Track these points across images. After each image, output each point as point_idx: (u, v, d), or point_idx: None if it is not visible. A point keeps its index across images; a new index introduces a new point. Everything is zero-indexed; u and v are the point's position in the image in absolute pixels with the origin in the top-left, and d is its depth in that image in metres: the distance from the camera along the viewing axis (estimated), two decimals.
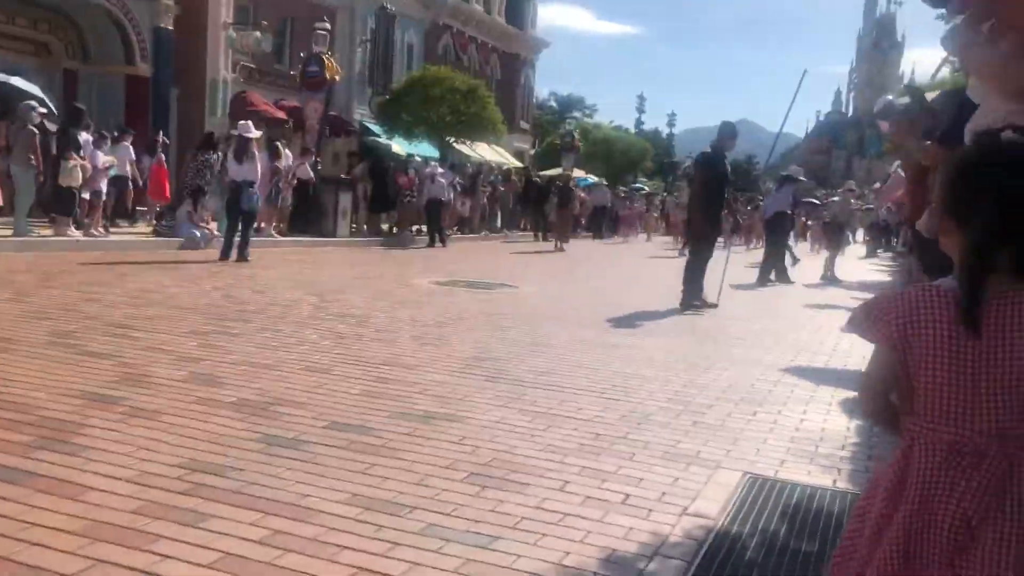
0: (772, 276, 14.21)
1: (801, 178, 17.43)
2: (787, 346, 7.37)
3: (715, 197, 9.86)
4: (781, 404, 5.06)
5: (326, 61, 18.19)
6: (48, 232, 12.63)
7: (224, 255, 12.09)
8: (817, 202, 24.78)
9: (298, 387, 4.68)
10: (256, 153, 12.73)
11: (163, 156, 16.34)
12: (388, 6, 25.03)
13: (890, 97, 7.12)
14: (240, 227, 12.26)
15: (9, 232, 11.94)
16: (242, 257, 12.12)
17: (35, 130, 12.08)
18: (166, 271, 10.30)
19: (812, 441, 4.27)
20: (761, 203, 27.94)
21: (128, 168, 15.32)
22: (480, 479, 3.35)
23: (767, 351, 7.02)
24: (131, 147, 15.45)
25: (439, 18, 32.66)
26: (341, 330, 6.72)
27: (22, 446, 3.37)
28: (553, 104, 66.16)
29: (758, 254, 16.48)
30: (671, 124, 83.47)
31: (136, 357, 5.17)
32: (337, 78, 19.09)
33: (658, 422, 4.43)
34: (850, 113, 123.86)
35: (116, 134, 15.38)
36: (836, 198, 20.27)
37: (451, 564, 2.57)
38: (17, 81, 14.13)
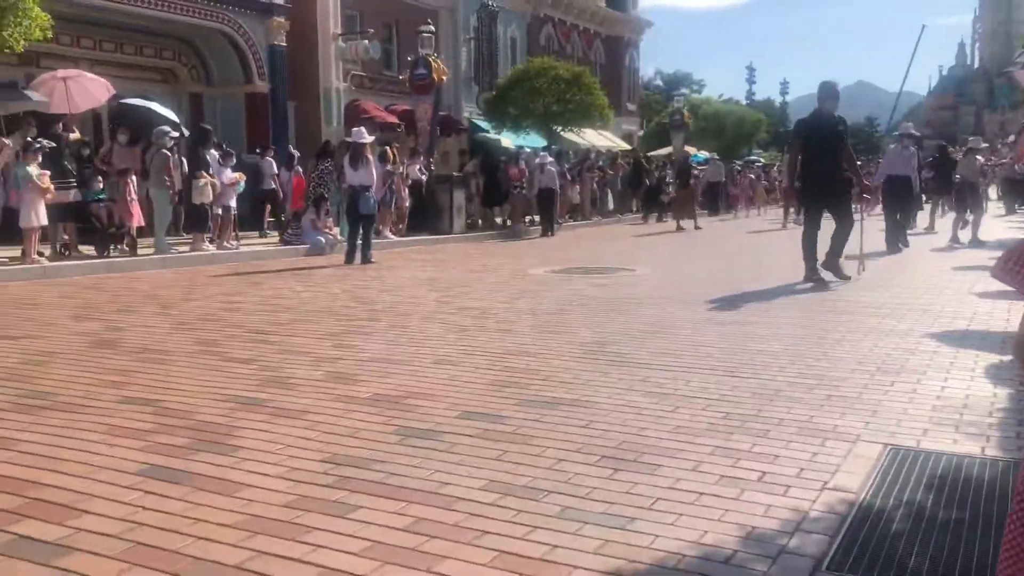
0: (902, 242, 13.54)
1: (913, 132, 15.31)
2: (923, 313, 7.07)
3: (815, 164, 9.20)
4: (920, 373, 4.87)
5: (432, 63, 18.52)
6: (185, 248, 13.37)
7: (348, 259, 12.51)
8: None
9: (429, 380, 4.83)
10: (370, 158, 13.10)
11: (300, 168, 17.09)
12: (490, 3, 25.25)
13: None
14: (361, 231, 12.66)
15: (151, 250, 12.71)
16: (365, 259, 12.50)
17: (168, 153, 12.81)
18: (297, 277, 10.75)
19: (956, 409, 4.10)
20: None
21: (273, 182, 16.32)
22: (612, 462, 3.38)
23: (901, 319, 6.76)
24: (273, 162, 16.39)
25: (540, 10, 32.71)
26: (465, 323, 6.87)
27: (182, 449, 3.61)
28: (659, 83, 65.22)
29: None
30: (784, 92, 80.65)
31: (276, 360, 5.44)
32: (444, 79, 19.40)
33: (790, 397, 4.34)
34: (976, 65, 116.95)
35: (259, 151, 16.53)
36: (959, 156, 19.05)
37: (590, 545, 2.61)
38: (155, 106, 15.06)
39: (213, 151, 14.13)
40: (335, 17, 22.17)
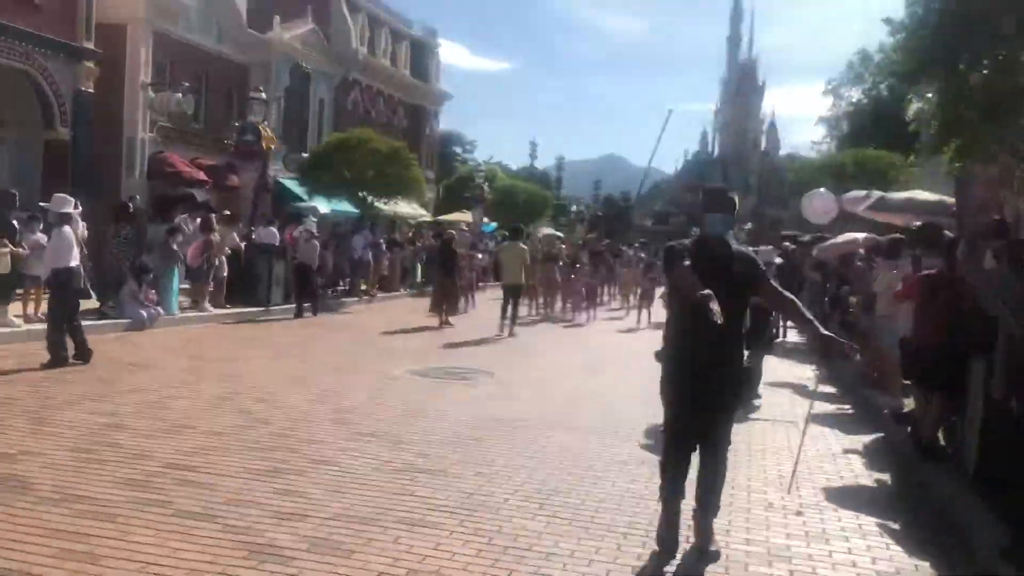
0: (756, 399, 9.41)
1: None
2: None
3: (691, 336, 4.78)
4: None
5: (262, 131, 18.10)
6: None
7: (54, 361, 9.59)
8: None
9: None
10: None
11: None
12: (304, 65, 25.08)
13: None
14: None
15: None
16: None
17: None
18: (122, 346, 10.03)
19: None
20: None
21: None
22: None
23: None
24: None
25: (350, 73, 32.96)
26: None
27: None
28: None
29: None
30: (560, 168, 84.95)
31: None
32: (273, 147, 18.98)
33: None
34: (715, 153, 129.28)
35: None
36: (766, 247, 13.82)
37: None
38: None
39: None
40: (146, 66, 21.11)
